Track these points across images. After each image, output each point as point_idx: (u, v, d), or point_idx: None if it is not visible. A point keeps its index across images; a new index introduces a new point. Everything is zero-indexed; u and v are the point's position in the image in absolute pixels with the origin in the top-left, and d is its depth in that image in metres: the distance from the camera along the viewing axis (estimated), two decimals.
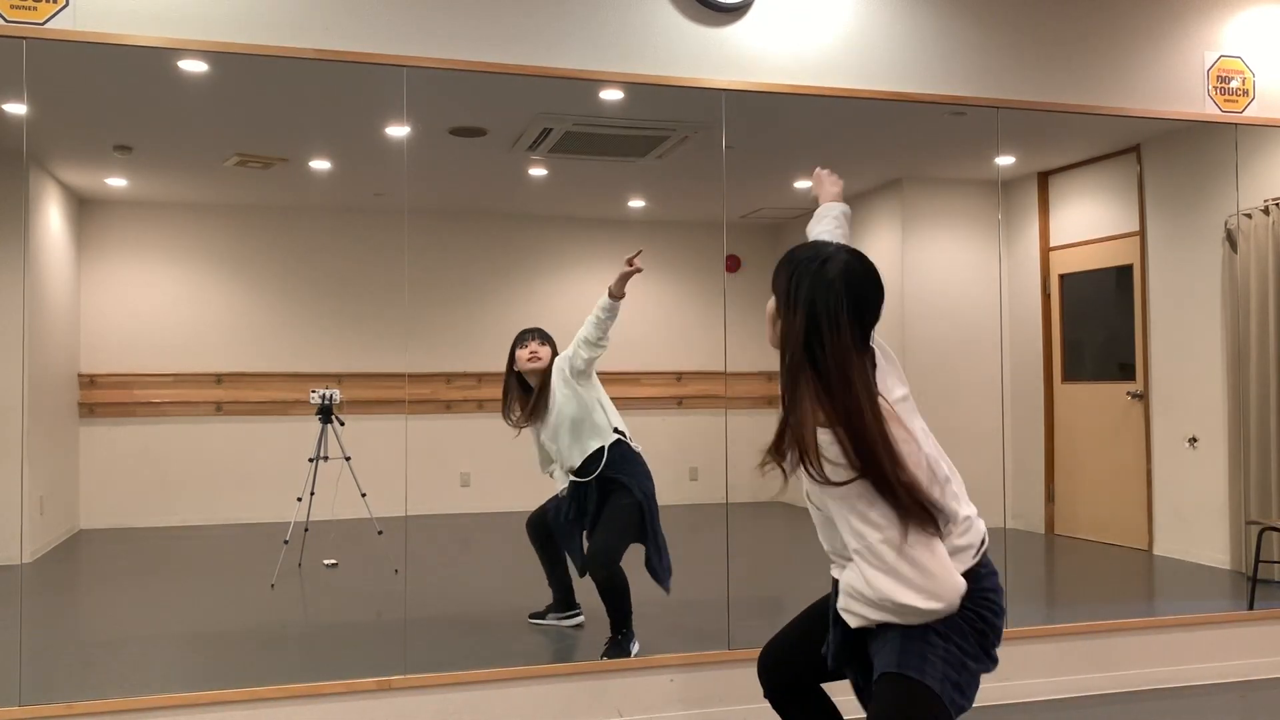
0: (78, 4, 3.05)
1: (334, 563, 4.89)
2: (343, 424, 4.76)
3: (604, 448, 3.78)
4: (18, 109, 3.14)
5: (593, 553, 3.76)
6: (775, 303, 2.09)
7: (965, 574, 1.99)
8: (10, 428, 3.21)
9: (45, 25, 3.02)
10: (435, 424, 5.22)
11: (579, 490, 3.84)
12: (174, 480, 5.05)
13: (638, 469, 3.82)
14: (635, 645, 3.68)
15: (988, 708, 3.66)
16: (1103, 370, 5.46)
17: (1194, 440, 4.75)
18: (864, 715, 2.09)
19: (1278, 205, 4.41)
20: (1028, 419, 5.41)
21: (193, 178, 5.06)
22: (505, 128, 4.31)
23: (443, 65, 3.35)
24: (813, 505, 2.10)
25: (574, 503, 3.85)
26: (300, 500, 4.68)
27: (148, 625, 4.24)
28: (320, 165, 5.06)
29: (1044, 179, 5.39)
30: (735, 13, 3.64)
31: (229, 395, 5.17)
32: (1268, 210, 4.44)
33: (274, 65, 3.26)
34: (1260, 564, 4.22)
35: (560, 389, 3.82)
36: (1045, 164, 5.31)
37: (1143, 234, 5.06)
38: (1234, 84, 4.14)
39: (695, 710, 3.45)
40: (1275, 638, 4.07)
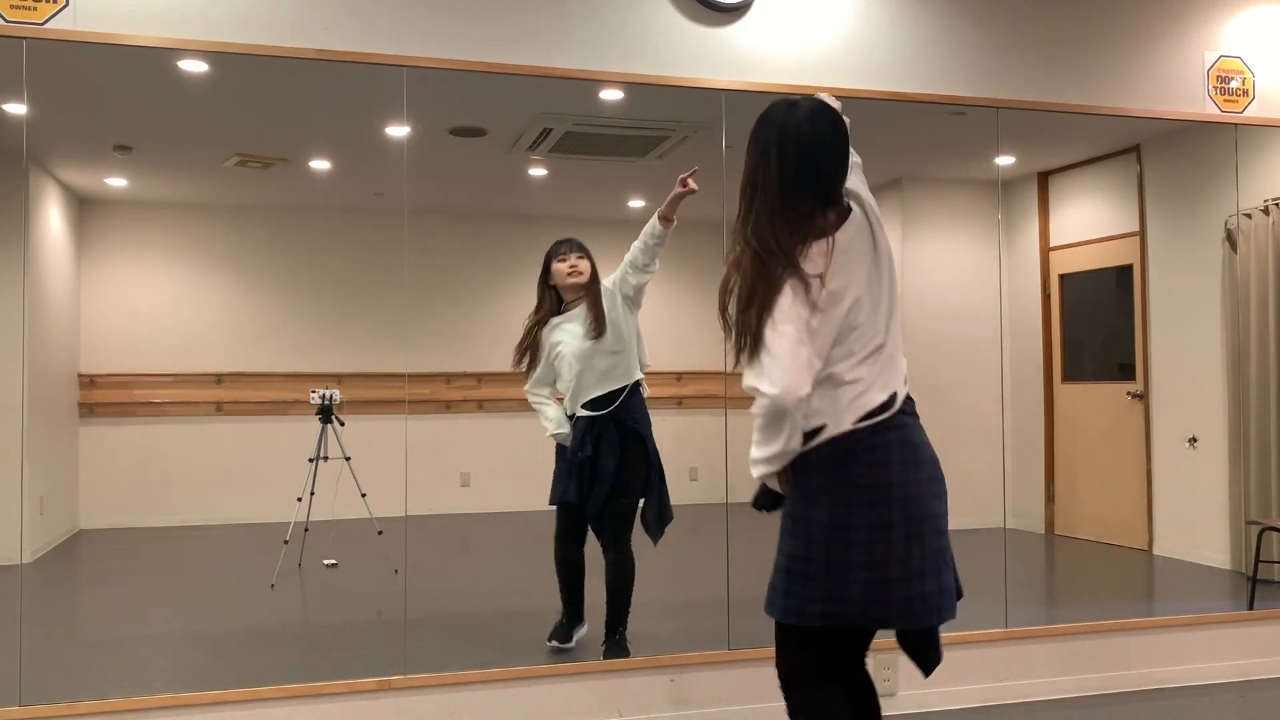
0: (78, 4, 3.05)
1: (334, 563, 4.89)
2: (343, 424, 4.76)
3: (626, 387, 3.67)
4: (18, 109, 3.14)
5: (612, 538, 3.66)
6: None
7: (845, 433, 2.07)
8: (10, 428, 3.21)
9: (45, 25, 3.02)
10: (435, 424, 5.21)
11: (593, 425, 3.65)
12: (174, 480, 5.05)
13: (645, 415, 3.71)
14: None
15: (988, 708, 3.66)
16: (1103, 370, 5.45)
17: (1194, 440, 4.75)
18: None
19: (1278, 205, 4.41)
20: (1028, 419, 5.40)
21: (193, 178, 5.06)
22: (505, 128, 4.31)
23: (443, 65, 3.35)
24: None
25: (587, 437, 3.64)
26: (300, 500, 4.67)
27: (148, 625, 4.23)
28: (320, 165, 5.05)
29: (1044, 179, 5.39)
30: (735, 13, 3.64)
31: (229, 395, 5.16)
32: (1268, 210, 4.44)
33: (274, 65, 3.26)
34: (1260, 564, 4.22)
35: (609, 313, 3.65)
36: (1045, 164, 5.31)
37: (1143, 234, 5.06)
38: (1234, 84, 4.14)
39: (695, 710, 3.45)
40: (1275, 638, 4.07)
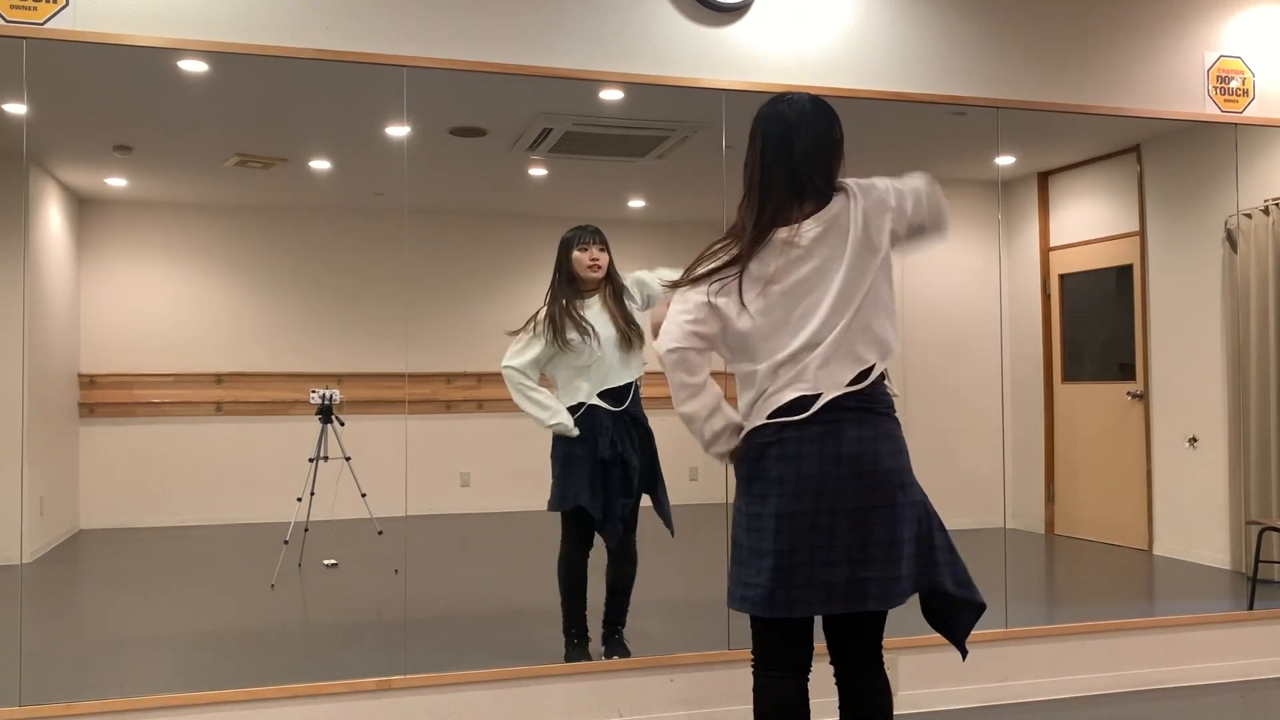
0: (78, 4, 3.05)
1: (334, 563, 4.89)
2: (343, 424, 4.76)
3: (637, 381, 3.66)
4: (18, 109, 3.14)
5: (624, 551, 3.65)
6: None
7: (758, 427, 2.23)
8: (10, 428, 3.21)
9: (45, 25, 3.02)
10: (435, 424, 5.21)
11: (616, 422, 3.62)
12: (174, 480, 5.05)
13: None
14: None
15: (988, 708, 3.66)
16: (1103, 370, 5.45)
17: (1194, 440, 4.75)
18: None
19: (1278, 205, 4.41)
20: (1028, 419, 5.41)
21: (193, 178, 5.06)
22: (505, 128, 4.31)
23: (443, 65, 3.35)
24: None
25: (614, 436, 3.60)
26: (300, 500, 4.67)
27: (147, 625, 4.24)
28: (320, 165, 5.05)
29: (1044, 179, 5.39)
30: (735, 13, 3.64)
31: (229, 395, 5.16)
32: (1268, 210, 4.44)
33: (274, 65, 3.26)
34: (1260, 564, 4.22)
35: (630, 306, 3.66)
36: (1045, 164, 5.31)
37: (1143, 234, 5.06)
38: (1234, 84, 4.14)
39: (695, 710, 3.45)
40: (1275, 638, 4.07)
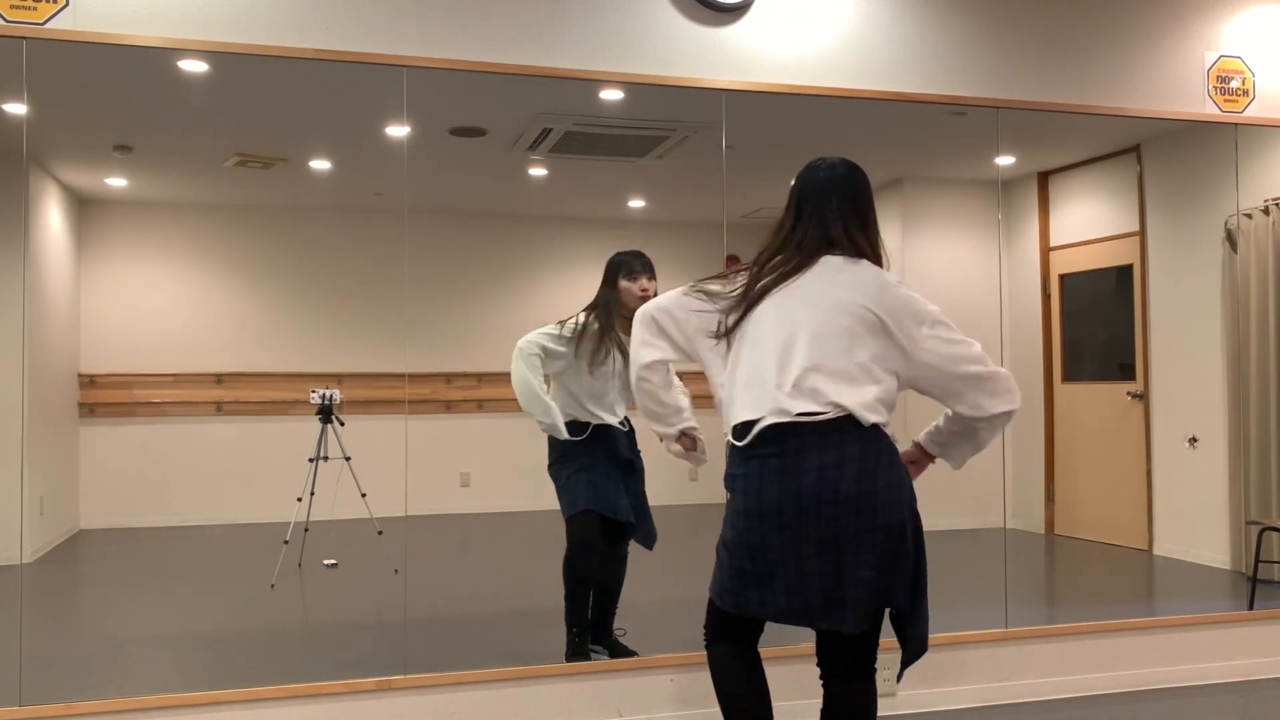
0: (78, 4, 3.05)
1: (334, 563, 4.89)
2: (343, 424, 4.76)
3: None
4: (18, 109, 3.14)
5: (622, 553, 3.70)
6: None
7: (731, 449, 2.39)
8: (10, 428, 3.21)
9: (45, 25, 3.02)
10: (435, 424, 5.21)
11: (625, 438, 3.71)
12: (174, 480, 5.04)
13: None
14: None
15: (988, 708, 3.66)
16: (1103, 370, 5.45)
17: (1194, 440, 4.75)
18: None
19: (1278, 205, 4.41)
20: (1028, 419, 5.40)
21: (193, 178, 5.06)
22: (505, 128, 4.31)
23: (443, 65, 3.35)
24: None
25: (618, 448, 3.70)
26: (300, 500, 4.67)
27: (148, 625, 4.24)
28: (320, 165, 5.05)
29: (1044, 179, 5.39)
30: (735, 13, 3.64)
31: (229, 395, 5.16)
32: (1268, 210, 4.44)
33: (274, 65, 3.26)
34: (1260, 564, 4.22)
35: None
36: (1045, 164, 5.31)
37: (1143, 234, 5.06)
38: (1234, 84, 4.14)
39: (695, 710, 3.45)
40: (1275, 638, 4.07)
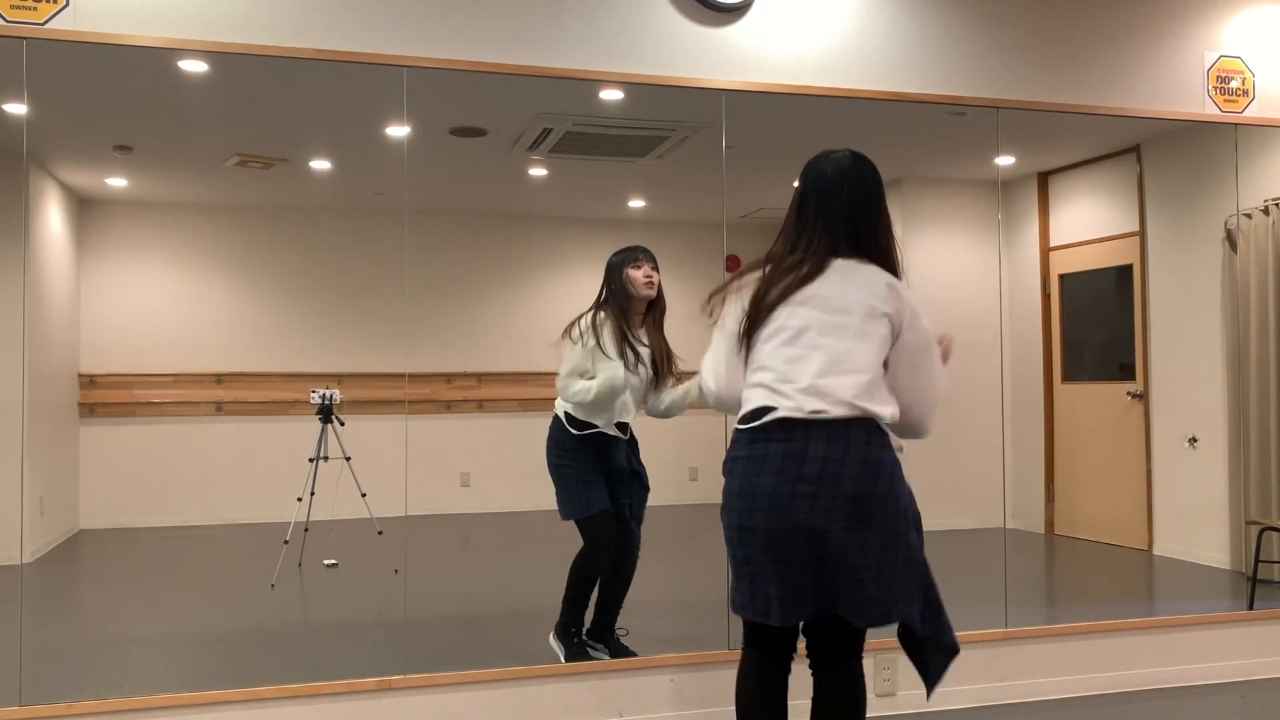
0: (78, 4, 3.05)
1: (334, 563, 4.89)
2: (343, 424, 4.76)
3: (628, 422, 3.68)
4: (18, 109, 3.14)
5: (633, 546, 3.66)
6: None
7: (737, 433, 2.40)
8: (10, 428, 3.21)
9: (45, 25, 3.02)
10: (435, 424, 5.21)
11: (624, 446, 3.67)
12: (174, 480, 5.04)
13: None
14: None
15: (988, 708, 3.66)
16: (1103, 370, 5.45)
17: (1194, 440, 4.75)
18: None
19: (1278, 205, 4.41)
20: (1028, 419, 5.40)
21: (193, 178, 5.06)
22: (505, 128, 4.31)
23: (443, 65, 3.35)
24: None
25: (630, 452, 3.67)
26: (300, 500, 4.67)
27: (148, 625, 4.24)
28: (320, 165, 5.05)
29: (1044, 179, 5.39)
30: (735, 13, 3.64)
31: (229, 395, 5.16)
32: (1268, 210, 4.44)
33: (274, 65, 3.26)
34: (1260, 564, 4.22)
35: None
36: (1045, 164, 5.31)
37: (1143, 234, 5.06)
38: (1234, 84, 4.14)
39: (695, 710, 3.45)
40: (1275, 638, 4.07)
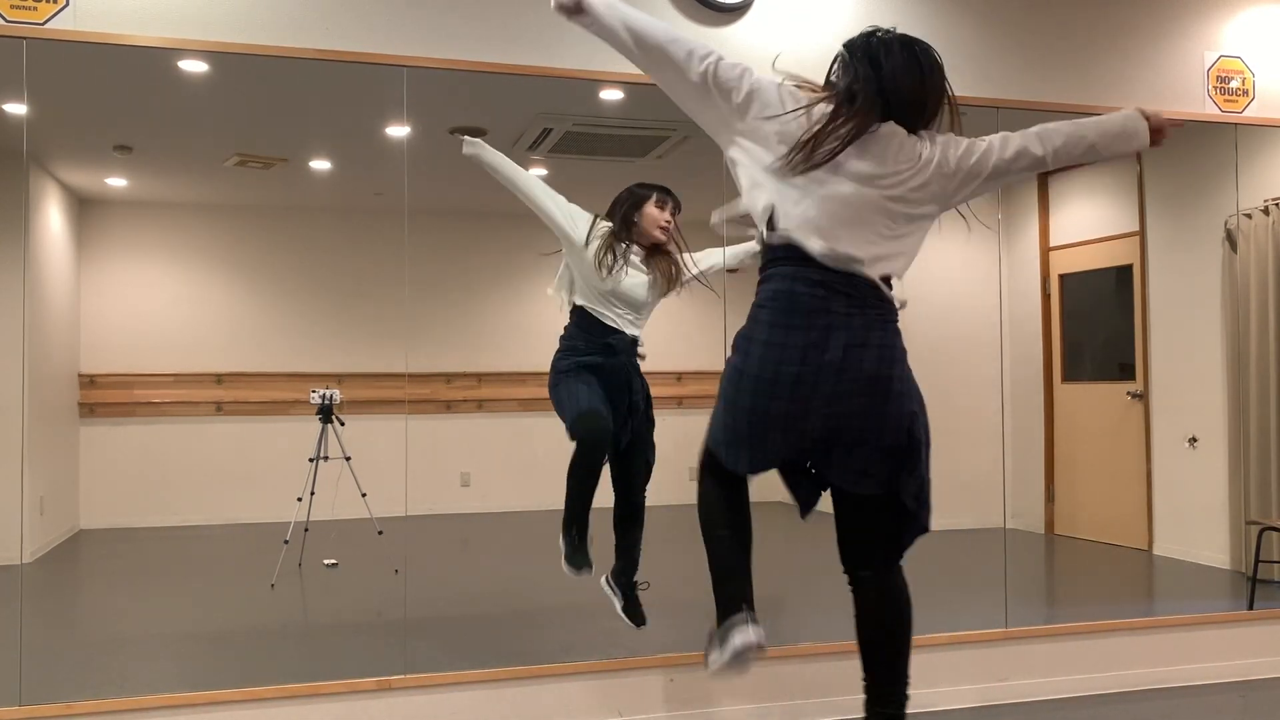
0: (78, 4, 3.05)
1: (334, 563, 4.89)
2: (343, 424, 4.76)
3: (638, 336, 3.62)
4: (18, 109, 3.14)
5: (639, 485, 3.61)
6: None
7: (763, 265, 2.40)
8: (10, 428, 3.21)
9: (45, 25, 3.02)
10: (435, 424, 5.22)
11: (631, 359, 3.60)
12: (174, 480, 5.05)
13: None
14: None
15: (988, 708, 3.66)
16: (1103, 370, 5.46)
17: (1194, 440, 4.75)
18: None
19: (1278, 205, 4.41)
20: (1028, 419, 5.41)
21: (193, 178, 5.06)
22: (505, 128, 4.31)
23: (443, 65, 3.35)
24: None
25: (618, 377, 3.56)
26: (300, 500, 4.67)
27: (148, 625, 4.24)
28: (320, 165, 5.06)
29: (1044, 179, 5.39)
30: (735, 13, 3.64)
31: (229, 395, 5.17)
32: (1268, 210, 4.44)
33: (274, 65, 3.26)
34: (1260, 564, 4.22)
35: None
36: None
37: (1143, 234, 5.07)
38: (1234, 84, 4.14)
39: (695, 710, 3.45)
40: (1275, 638, 4.07)
